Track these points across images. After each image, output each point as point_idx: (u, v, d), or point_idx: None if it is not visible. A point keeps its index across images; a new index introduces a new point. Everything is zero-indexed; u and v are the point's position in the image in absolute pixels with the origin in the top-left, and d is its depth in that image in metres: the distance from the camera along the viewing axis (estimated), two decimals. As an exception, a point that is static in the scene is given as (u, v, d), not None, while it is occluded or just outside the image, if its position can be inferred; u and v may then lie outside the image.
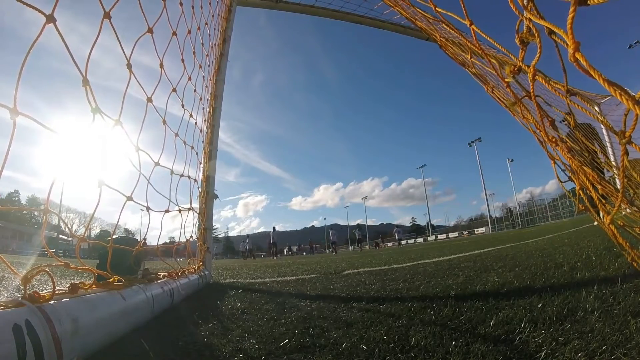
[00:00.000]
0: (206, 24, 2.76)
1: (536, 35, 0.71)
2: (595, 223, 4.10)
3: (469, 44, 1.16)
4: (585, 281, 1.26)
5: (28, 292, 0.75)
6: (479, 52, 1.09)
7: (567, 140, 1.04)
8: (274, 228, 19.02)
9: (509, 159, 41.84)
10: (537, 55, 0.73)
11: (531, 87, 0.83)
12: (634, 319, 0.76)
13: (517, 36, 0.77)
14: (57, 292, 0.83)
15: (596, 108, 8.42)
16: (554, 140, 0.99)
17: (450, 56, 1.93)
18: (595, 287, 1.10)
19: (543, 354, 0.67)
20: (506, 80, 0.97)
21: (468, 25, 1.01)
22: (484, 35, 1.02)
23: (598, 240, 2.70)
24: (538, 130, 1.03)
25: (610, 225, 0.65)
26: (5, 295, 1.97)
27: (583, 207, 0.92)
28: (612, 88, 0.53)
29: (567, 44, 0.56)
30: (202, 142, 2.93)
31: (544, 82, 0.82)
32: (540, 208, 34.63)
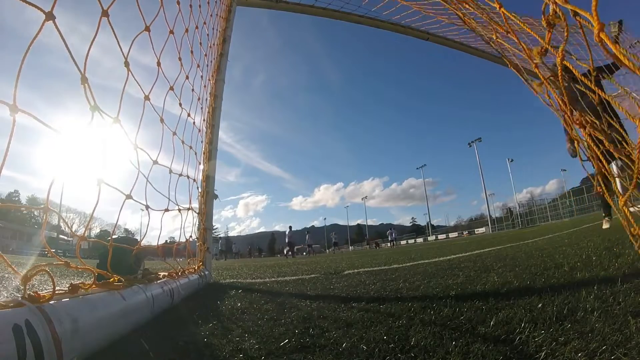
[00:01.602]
0: (204, 23, 2.76)
1: (562, 18, 0.72)
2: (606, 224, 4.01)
3: (498, 25, 1.15)
4: (585, 281, 1.26)
5: (28, 292, 0.75)
6: (510, 31, 1.08)
7: (590, 120, 1.03)
8: (290, 227, 19.44)
9: (509, 159, 41.88)
10: (565, 36, 0.74)
11: (559, 69, 0.83)
12: (634, 319, 0.76)
13: (543, 18, 0.77)
14: (57, 292, 0.83)
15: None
16: (578, 121, 0.99)
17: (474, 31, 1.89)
18: (595, 287, 1.09)
19: (543, 354, 0.67)
20: (535, 61, 0.97)
21: (497, 9, 1.02)
22: (512, 17, 1.02)
23: (598, 240, 2.70)
24: (562, 112, 1.03)
25: (624, 208, 0.66)
26: (5, 295, 1.97)
27: (600, 190, 0.92)
28: (637, 68, 0.53)
29: (588, 22, 0.57)
30: (202, 142, 2.93)
31: (568, 65, 0.83)
32: (540, 208, 34.63)
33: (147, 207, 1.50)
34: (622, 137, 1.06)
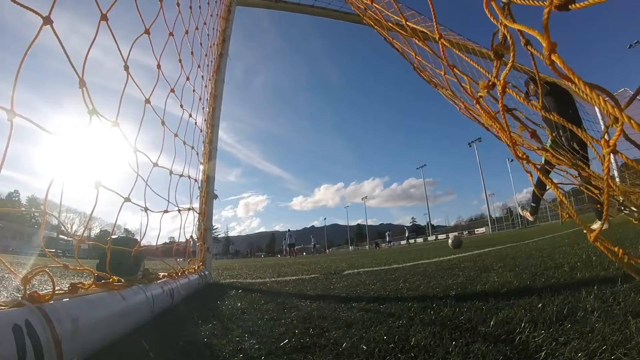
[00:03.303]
0: (204, 23, 2.76)
1: (511, 47, 0.70)
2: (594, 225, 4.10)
3: (442, 60, 1.14)
4: (585, 281, 1.26)
5: (28, 292, 0.75)
6: (450, 67, 1.08)
7: (550, 150, 1.03)
8: (289, 230, 22.15)
9: (509, 159, 41.84)
10: (508, 67, 0.72)
11: (500, 101, 0.82)
12: (634, 319, 0.76)
13: (491, 48, 0.75)
14: (57, 292, 0.83)
15: (596, 108, 8.38)
16: (525, 157, 0.97)
17: (424, 79, 1.90)
18: (595, 287, 1.09)
19: (543, 354, 0.67)
20: (479, 94, 0.96)
21: (437, 39, 0.99)
22: (454, 40, 1.01)
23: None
24: (513, 146, 1.02)
25: (596, 243, 0.65)
26: (5, 295, 1.97)
27: (568, 216, 0.92)
28: (592, 92, 0.51)
29: (541, 54, 0.54)
30: (203, 142, 2.93)
31: (516, 96, 0.82)
32: (540, 208, 34.62)
33: (146, 209, 1.50)
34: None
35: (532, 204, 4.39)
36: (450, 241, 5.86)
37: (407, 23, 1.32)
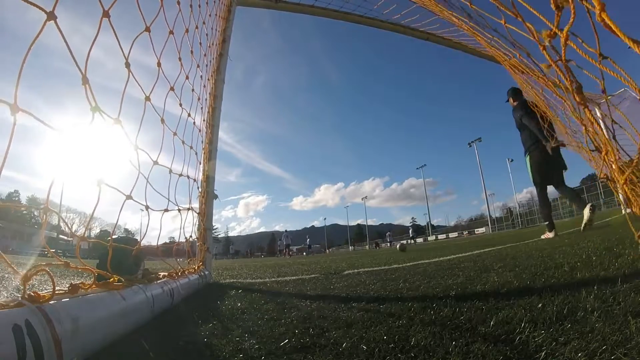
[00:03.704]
0: (204, 23, 2.75)
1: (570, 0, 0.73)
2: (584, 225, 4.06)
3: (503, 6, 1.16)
4: (585, 281, 1.26)
5: (28, 292, 0.75)
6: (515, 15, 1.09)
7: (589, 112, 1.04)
8: (286, 230, 24.57)
9: (509, 159, 41.83)
10: (571, 19, 0.75)
11: (563, 51, 0.84)
12: (634, 319, 0.76)
13: (552, 1, 0.78)
14: (57, 292, 0.83)
15: (596, 109, 8.41)
16: (582, 103, 0.99)
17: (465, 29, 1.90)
18: (595, 287, 1.09)
19: (543, 354, 0.67)
20: (543, 44, 0.98)
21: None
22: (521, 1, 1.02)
23: (598, 240, 2.70)
24: (565, 101, 1.05)
25: (624, 187, 0.68)
26: (5, 295, 1.97)
27: (605, 176, 0.93)
28: (636, 45, 0.54)
29: (593, 6, 0.58)
30: (202, 142, 2.93)
31: (576, 48, 0.84)
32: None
33: (147, 207, 1.50)
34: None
35: (546, 223, 4.43)
36: (398, 246, 9.05)
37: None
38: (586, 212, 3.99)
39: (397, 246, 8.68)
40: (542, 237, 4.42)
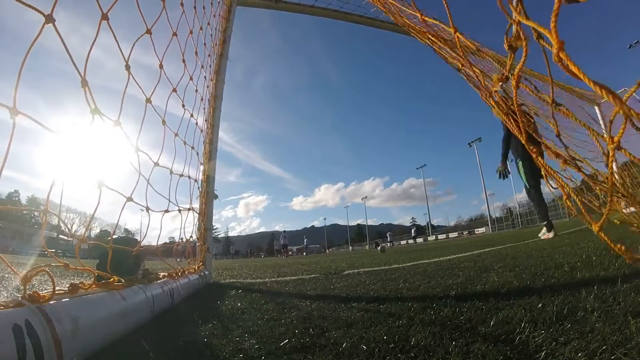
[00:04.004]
0: (208, 24, 2.76)
1: (523, 39, 0.71)
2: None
3: (455, 52, 1.16)
4: (585, 281, 1.26)
5: (28, 292, 0.75)
6: (463, 61, 1.09)
7: (554, 148, 1.04)
8: (284, 231, 25.06)
9: (509, 160, 41.77)
10: (522, 60, 0.73)
11: (514, 95, 0.83)
12: (634, 319, 0.76)
13: (505, 41, 0.76)
14: (57, 292, 0.83)
15: (596, 108, 8.42)
16: (535, 151, 0.98)
17: (446, 60, 1.93)
18: (595, 287, 1.09)
19: (543, 354, 0.67)
20: (493, 89, 0.97)
21: (452, 33, 1.01)
22: (468, 43, 1.02)
23: (598, 240, 2.70)
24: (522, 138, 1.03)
25: (600, 233, 0.65)
26: (5, 295, 1.97)
27: (575, 213, 0.92)
28: (598, 88, 0.52)
29: (551, 45, 0.56)
30: (203, 142, 2.93)
31: (529, 90, 0.82)
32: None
33: (148, 208, 1.50)
34: None
35: (544, 223, 4.53)
36: (379, 248, 9.96)
37: (423, 17, 1.34)
38: (545, 232, 4.35)
39: (377, 247, 8.44)
40: (542, 237, 4.46)
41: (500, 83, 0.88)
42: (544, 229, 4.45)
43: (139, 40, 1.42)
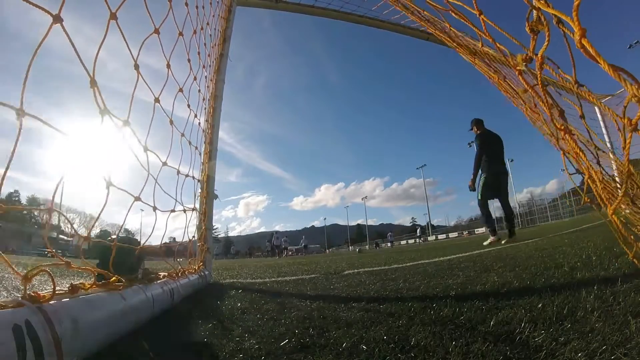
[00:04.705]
0: (208, 24, 2.76)
1: (545, 23, 0.72)
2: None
3: (479, 32, 1.16)
4: (585, 281, 1.26)
5: (28, 292, 0.75)
6: (491, 40, 1.09)
7: (576, 132, 1.04)
8: (276, 232, 26.23)
9: (509, 159, 41.79)
10: (545, 43, 0.74)
11: (538, 75, 0.83)
12: (634, 319, 0.76)
13: (527, 25, 0.78)
14: (57, 292, 0.83)
15: (596, 108, 8.42)
16: (563, 128, 0.98)
17: (459, 51, 1.92)
18: (595, 287, 1.09)
19: (543, 354, 0.67)
20: (518, 68, 0.97)
21: (477, 15, 1.02)
22: (493, 25, 1.03)
23: (598, 240, 2.70)
24: (544, 124, 1.03)
25: (614, 216, 0.66)
26: (5, 295, 1.97)
27: (589, 200, 0.92)
28: (617, 74, 0.53)
29: (572, 32, 0.57)
30: (204, 142, 2.94)
31: (552, 71, 0.83)
32: (540, 208, 34.61)
33: (155, 208, 1.51)
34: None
35: (489, 230, 5.04)
36: (357, 249, 11.64)
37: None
38: (490, 238, 4.76)
39: (357, 250, 10.38)
40: (485, 244, 4.82)
41: (525, 63, 0.89)
42: (490, 237, 4.94)
43: (145, 40, 1.42)
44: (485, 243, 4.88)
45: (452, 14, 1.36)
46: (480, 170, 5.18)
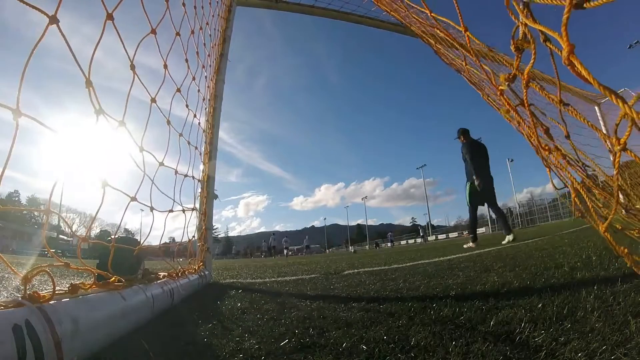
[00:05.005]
0: (207, 23, 2.76)
1: (531, 41, 0.71)
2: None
3: (463, 50, 1.16)
4: (585, 281, 1.26)
5: (28, 292, 0.75)
6: (474, 59, 1.09)
7: (561, 149, 1.04)
8: (273, 233, 26.31)
9: (509, 159, 41.72)
10: (531, 62, 0.73)
11: (524, 94, 0.83)
12: (634, 319, 0.76)
13: (512, 43, 0.76)
14: (57, 292, 0.83)
15: (596, 108, 8.43)
16: (547, 148, 0.98)
17: (445, 62, 1.93)
18: (595, 287, 1.09)
19: (543, 354, 0.67)
20: (500, 87, 0.97)
21: (463, 32, 1.01)
22: (477, 41, 1.03)
23: (598, 240, 2.70)
24: (532, 138, 1.03)
25: (606, 234, 0.65)
26: (5, 295, 1.97)
27: (580, 214, 0.92)
28: (606, 92, 0.53)
29: (559, 49, 0.56)
30: (204, 142, 2.94)
31: (538, 89, 0.82)
32: (540, 208, 34.58)
33: (152, 208, 1.51)
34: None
35: (471, 235, 5.33)
36: (353, 250, 12.03)
37: (432, 14, 1.35)
38: (509, 237, 4.78)
39: (353, 250, 11.16)
40: (464, 246, 4.99)
41: (507, 83, 0.88)
42: (470, 242, 5.15)
43: (142, 41, 1.41)
44: (465, 246, 5.04)
45: (437, 31, 1.37)
46: (466, 178, 5.45)
